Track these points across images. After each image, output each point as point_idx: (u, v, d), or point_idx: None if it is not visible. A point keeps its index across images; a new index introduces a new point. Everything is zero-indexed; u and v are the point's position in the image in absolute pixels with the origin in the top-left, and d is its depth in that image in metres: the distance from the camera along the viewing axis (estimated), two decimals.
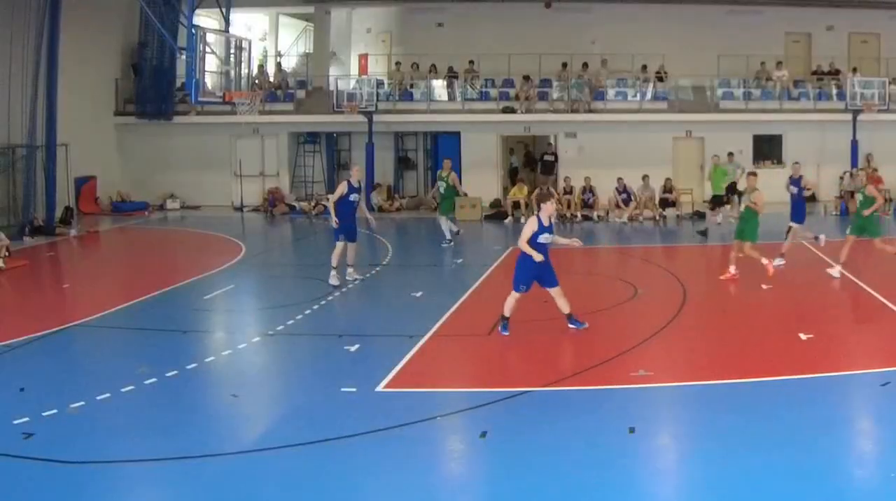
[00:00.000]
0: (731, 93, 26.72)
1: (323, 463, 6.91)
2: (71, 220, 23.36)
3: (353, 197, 13.86)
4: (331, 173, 29.72)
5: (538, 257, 10.30)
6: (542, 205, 10.64)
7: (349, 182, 13.89)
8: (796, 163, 16.86)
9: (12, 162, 21.59)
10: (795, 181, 15.79)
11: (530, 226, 10.46)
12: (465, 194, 22.37)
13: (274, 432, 7.76)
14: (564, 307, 10.76)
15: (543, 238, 10.43)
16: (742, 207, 14.33)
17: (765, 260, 13.67)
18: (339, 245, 13.86)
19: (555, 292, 10.67)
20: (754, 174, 14.37)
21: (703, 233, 20.19)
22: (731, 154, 24.04)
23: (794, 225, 15.74)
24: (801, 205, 15.82)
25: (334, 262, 13.94)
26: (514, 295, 10.64)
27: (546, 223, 10.45)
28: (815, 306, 12.59)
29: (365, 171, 26.77)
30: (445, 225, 18.68)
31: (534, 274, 10.52)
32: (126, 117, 27.38)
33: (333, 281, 13.88)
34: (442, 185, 18.71)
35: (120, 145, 27.61)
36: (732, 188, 23.37)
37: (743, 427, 7.44)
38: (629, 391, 8.61)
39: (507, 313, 10.71)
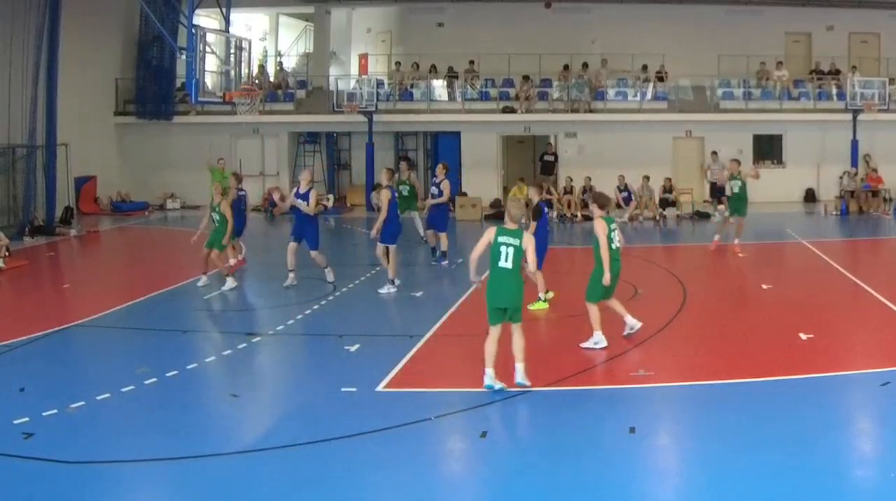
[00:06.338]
0: (731, 93, 26.74)
1: (323, 463, 6.91)
2: (71, 220, 23.38)
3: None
4: (331, 173, 29.74)
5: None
6: None
7: (389, 186, 13.99)
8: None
9: (12, 162, 21.61)
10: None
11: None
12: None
13: (274, 432, 7.76)
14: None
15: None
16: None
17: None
18: (393, 248, 13.72)
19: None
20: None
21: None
22: (714, 153, 24.04)
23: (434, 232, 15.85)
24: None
25: (392, 273, 13.70)
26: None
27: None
28: (815, 306, 12.59)
29: (366, 172, 26.89)
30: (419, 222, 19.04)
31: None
32: (126, 117, 27.42)
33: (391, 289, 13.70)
34: (405, 188, 18.96)
35: (120, 145, 27.63)
36: (721, 188, 23.38)
37: (743, 427, 7.44)
38: (629, 391, 8.60)
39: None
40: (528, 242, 8.42)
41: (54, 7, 21.24)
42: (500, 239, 8.37)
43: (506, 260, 8.32)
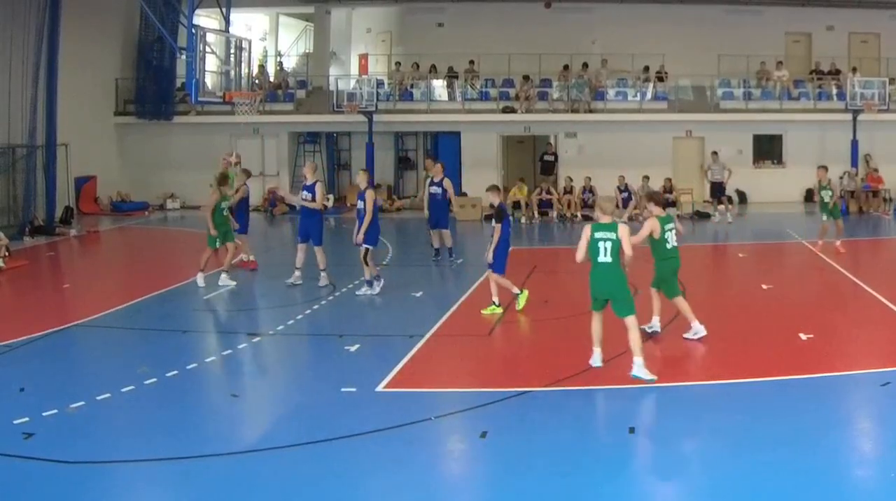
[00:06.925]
0: (731, 93, 26.74)
1: (323, 463, 6.91)
2: (71, 220, 23.38)
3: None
4: (331, 173, 29.73)
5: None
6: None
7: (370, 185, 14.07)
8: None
9: (12, 162, 21.61)
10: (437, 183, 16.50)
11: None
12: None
13: (274, 432, 7.76)
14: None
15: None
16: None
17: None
18: (371, 250, 13.74)
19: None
20: None
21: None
22: (715, 153, 24.03)
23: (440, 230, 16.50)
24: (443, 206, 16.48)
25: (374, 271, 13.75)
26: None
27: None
28: (815, 306, 12.59)
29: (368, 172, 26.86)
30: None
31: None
32: (126, 117, 27.42)
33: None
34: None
35: (120, 145, 27.63)
36: (721, 188, 23.35)
37: (743, 427, 7.44)
38: (629, 391, 8.60)
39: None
40: (624, 233, 8.57)
41: (54, 7, 21.24)
42: (597, 234, 8.66)
43: (605, 255, 8.63)
